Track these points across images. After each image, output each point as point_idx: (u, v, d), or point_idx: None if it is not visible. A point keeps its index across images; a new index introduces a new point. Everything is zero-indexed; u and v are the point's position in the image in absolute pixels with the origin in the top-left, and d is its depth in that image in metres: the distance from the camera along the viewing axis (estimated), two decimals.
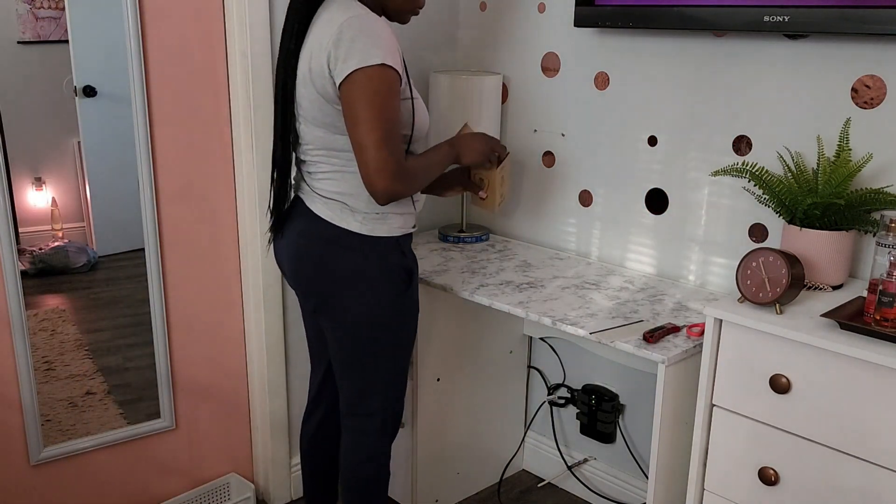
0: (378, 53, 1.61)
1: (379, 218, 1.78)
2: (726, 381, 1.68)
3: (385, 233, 1.79)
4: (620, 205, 2.32)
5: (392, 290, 1.82)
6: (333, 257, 1.79)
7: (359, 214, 1.77)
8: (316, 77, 1.67)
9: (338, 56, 1.62)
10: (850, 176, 1.75)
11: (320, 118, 1.72)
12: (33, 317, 2.40)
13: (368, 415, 1.93)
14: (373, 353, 1.86)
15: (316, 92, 1.69)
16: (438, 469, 2.48)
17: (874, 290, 1.55)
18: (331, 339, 1.89)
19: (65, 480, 2.27)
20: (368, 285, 1.80)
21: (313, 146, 1.77)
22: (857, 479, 1.53)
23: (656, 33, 2.14)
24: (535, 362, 2.68)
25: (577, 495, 2.62)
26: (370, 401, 1.92)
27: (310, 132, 1.75)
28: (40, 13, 2.33)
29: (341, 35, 1.62)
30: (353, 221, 1.77)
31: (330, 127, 1.72)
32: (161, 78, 2.17)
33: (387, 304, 1.82)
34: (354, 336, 1.85)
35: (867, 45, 1.78)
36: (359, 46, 1.61)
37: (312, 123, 1.74)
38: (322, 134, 1.74)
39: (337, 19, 1.64)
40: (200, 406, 2.46)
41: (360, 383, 1.90)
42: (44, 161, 2.47)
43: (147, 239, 2.24)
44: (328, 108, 1.70)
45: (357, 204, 1.76)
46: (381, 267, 1.80)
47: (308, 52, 1.69)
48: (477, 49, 2.60)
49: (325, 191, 1.78)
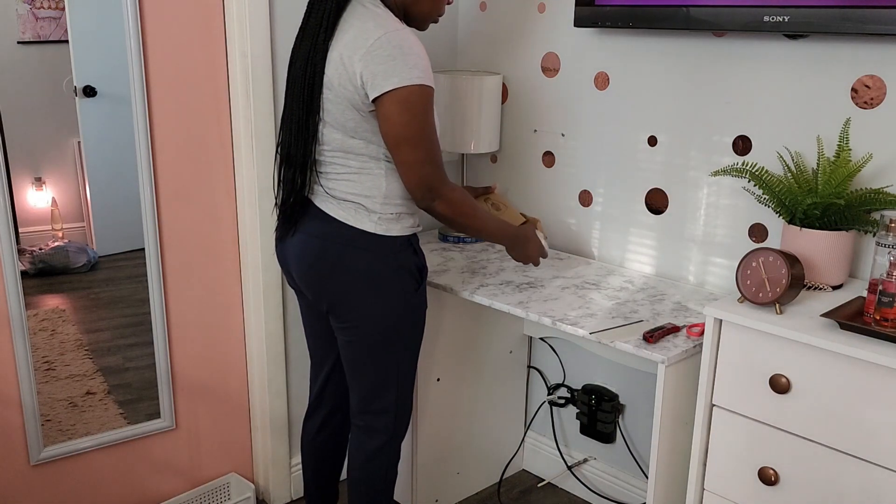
0: (418, 74, 1.64)
1: (393, 218, 1.80)
2: (726, 381, 1.68)
3: (399, 232, 1.81)
4: (620, 205, 2.33)
5: (405, 288, 1.84)
6: (350, 258, 1.80)
7: (374, 215, 1.78)
8: (346, 84, 1.68)
9: (375, 72, 1.63)
10: (850, 176, 1.75)
11: (341, 121, 1.73)
12: (33, 317, 2.40)
13: (381, 412, 1.94)
14: (387, 350, 1.88)
15: (344, 98, 1.70)
16: (438, 469, 2.48)
17: (874, 290, 1.55)
18: (344, 338, 1.90)
19: (65, 480, 2.27)
20: (383, 284, 1.82)
21: (329, 147, 1.77)
22: (857, 479, 1.53)
23: (656, 33, 2.14)
24: (535, 362, 2.68)
25: (577, 495, 2.62)
26: (383, 398, 1.93)
27: (328, 134, 1.76)
28: (40, 13, 2.33)
29: (379, 50, 1.63)
30: (367, 222, 1.78)
31: (349, 130, 1.74)
32: (161, 78, 2.17)
33: (401, 301, 1.84)
34: (369, 334, 1.86)
35: (867, 45, 1.78)
36: (398, 65, 1.63)
37: (332, 125, 1.75)
38: (340, 136, 1.75)
39: (372, 31, 1.65)
40: (200, 406, 2.46)
41: (374, 381, 1.92)
42: (44, 161, 2.48)
43: (147, 239, 2.24)
44: (351, 114, 1.71)
45: (372, 205, 1.78)
46: (396, 266, 1.82)
47: (338, 56, 1.68)
48: (477, 49, 2.60)
49: (339, 192, 1.79)
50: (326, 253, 1.81)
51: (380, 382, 1.92)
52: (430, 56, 1.72)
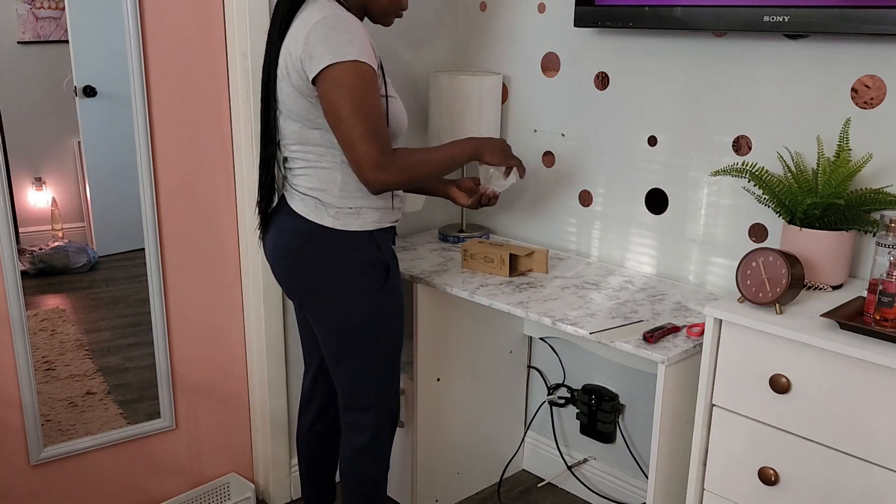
0: (351, 50, 1.66)
1: (352, 213, 1.80)
2: (726, 381, 1.68)
3: (358, 227, 1.81)
4: (620, 205, 2.32)
5: (370, 284, 1.84)
6: (309, 253, 1.82)
7: (331, 209, 1.79)
8: (291, 72, 1.72)
9: (311, 53, 1.66)
10: (850, 176, 1.75)
11: (295, 111, 1.76)
12: (33, 317, 2.40)
13: (363, 408, 1.95)
14: (357, 347, 1.89)
15: (291, 86, 1.73)
16: (438, 469, 2.48)
17: (874, 290, 1.55)
18: (318, 333, 1.92)
19: (65, 480, 2.27)
20: (344, 280, 1.82)
21: (290, 140, 1.81)
22: (857, 479, 1.53)
23: (656, 33, 2.14)
24: (535, 362, 2.68)
25: (577, 495, 2.62)
26: (363, 395, 1.94)
27: (287, 126, 1.80)
28: (40, 13, 2.33)
29: (315, 33, 1.66)
30: (326, 217, 1.80)
31: (304, 121, 1.76)
32: (161, 78, 2.17)
33: (366, 298, 1.84)
34: (337, 331, 1.87)
35: (867, 45, 1.78)
36: (332, 43, 1.65)
37: (289, 117, 1.78)
38: (297, 128, 1.78)
39: (312, 18, 1.69)
40: (200, 406, 2.46)
41: (351, 377, 1.93)
42: (44, 161, 2.48)
43: (147, 239, 2.24)
44: (302, 102, 1.74)
45: (329, 199, 1.79)
46: (355, 261, 1.82)
47: (286, 48, 1.73)
48: (477, 49, 2.60)
49: (301, 187, 1.82)
50: (290, 248, 1.84)
51: (357, 378, 1.92)
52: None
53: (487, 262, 2.21)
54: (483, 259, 2.22)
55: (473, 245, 2.26)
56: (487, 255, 2.21)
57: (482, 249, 2.23)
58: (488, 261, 2.21)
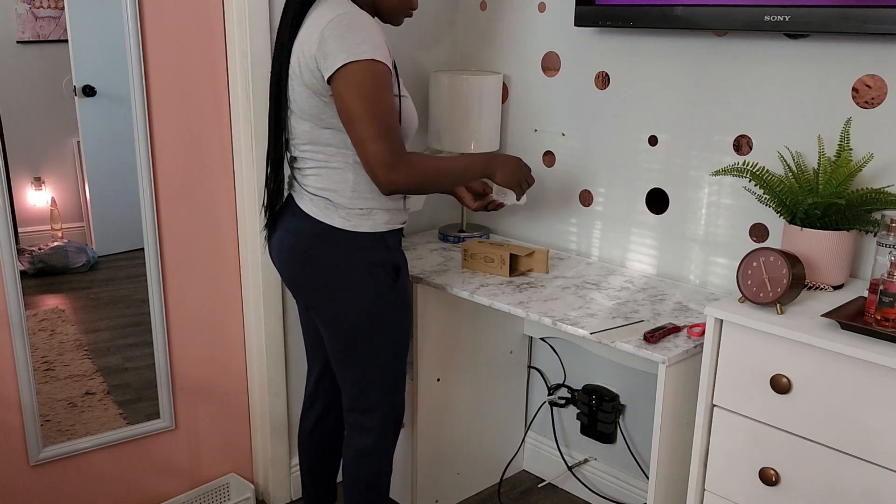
0: (366, 49, 1.65)
1: (363, 214, 1.80)
2: (727, 381, 1.68)
3: (369, 228, 1.80)
4: (621, 204, 2.32)
5: (378, 285, 1.83)
6: (319, 254, 1.81)
7: (342, 210, 1.79)
8: (304, 71, 1.70)
9: (326, 52, 1.65)
10: (851, 176, 1.75)
11: (307, 110, 1.75)
12: (33, 317, 2.40)
13: (367, 410, 1.94)
14: (364, 348, 1.88)
15: (304, 85, 1.72)
16: (438, 469, 2.48)
17: (875, 290, 1.55)
18: (324, 334, 1.91)
19: (64, 481, 2.27)
20: (354, 281, 1.81)
21: (301, 140, 1.79)
22: (858, 480, 1.53)
23: (656, 33, 2.14)
24: (536, 362, 2.68)
25: (577, 496, 2.62)
26: (368, 396, 1.93)
27: (298, 126, 1.78)
28: (40, 13, 2.33)
29: (330, 31, 1.65)
30: (336, 217, 1.79)
31: (316, 119, 1.75)
32: (161, 78, 2.17)
33: (374, 299, 1.84)
34: (345, 332, 1.86)
35: (868, 44, 1.78)
36: (347, 42, 1.64)
37: (300, 117, 1.77)
38: (308, 128, 1.77)
39: (326, 16, 1.68)
40: (200, 406, 2.46)
41: (356, 379, 1.92)
42: (43, 161, 2.47)
43: (147, 239, 2.24)
44: (315, 101, 1.73)
45: (340, 200, 1.78)
46: (366, 262, 1.81)
47: (299, 47, 1.72)
48: (477, 49, 2.60)
49: (311, 187, 1.81)
50: (298, 249, 1.83)
51: (362, 380, 1.92)
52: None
53: (488, 262, 2.21)
54: (483, 259, 2.22)
55: (474, 245, 2.26)
56: (488, 255, 2.21)
57: (482, 249, 2.22)
58: (488, 261, 2.21)
